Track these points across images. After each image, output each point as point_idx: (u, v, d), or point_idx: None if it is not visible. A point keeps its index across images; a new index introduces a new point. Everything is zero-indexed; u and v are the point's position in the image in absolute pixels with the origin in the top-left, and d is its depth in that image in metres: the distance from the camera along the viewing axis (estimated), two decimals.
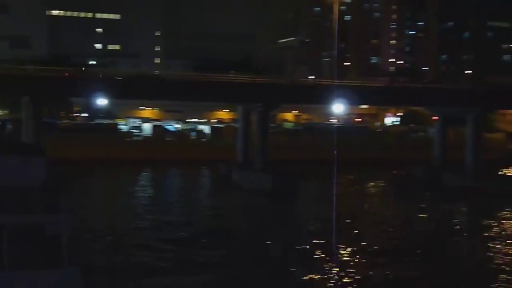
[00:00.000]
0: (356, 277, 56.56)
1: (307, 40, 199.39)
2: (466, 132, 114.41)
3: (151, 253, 61.90)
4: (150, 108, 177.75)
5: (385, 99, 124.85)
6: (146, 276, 53.46)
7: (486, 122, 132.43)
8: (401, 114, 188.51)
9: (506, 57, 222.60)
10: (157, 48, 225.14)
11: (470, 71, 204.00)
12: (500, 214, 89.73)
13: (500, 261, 63.89)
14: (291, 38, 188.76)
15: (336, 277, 56.41)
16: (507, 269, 61.40)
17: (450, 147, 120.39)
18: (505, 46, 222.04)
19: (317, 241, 68.19)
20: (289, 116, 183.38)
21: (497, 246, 70.17)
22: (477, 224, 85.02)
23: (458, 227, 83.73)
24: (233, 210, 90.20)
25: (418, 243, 71.55)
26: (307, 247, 66.63)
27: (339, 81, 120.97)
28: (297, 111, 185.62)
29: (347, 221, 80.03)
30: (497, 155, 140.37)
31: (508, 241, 72.34)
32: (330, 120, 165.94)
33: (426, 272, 59.36)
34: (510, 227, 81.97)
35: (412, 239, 74.18)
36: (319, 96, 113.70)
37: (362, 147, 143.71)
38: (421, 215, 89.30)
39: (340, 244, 66.15)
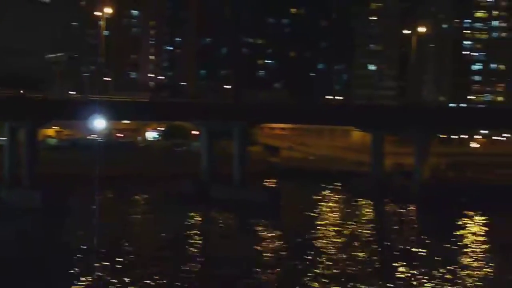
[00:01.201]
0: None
1: (75, 55, 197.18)
2: (233, 146, 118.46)
3: None
4: None
5: (150, 115, 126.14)
6: None
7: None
8: (163, 128, 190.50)
9: (261, 72, 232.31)
10: None
11: (229, 86, 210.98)
12: (259, 223, 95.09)
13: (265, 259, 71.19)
14: (60, 54, 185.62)
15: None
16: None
17: (219, 160, 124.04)
18: (260, 61, 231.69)
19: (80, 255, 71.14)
20: (51, 132, 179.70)
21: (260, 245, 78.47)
22: (242, 231, 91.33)
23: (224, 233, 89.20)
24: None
25: (177, 249, 77.45)
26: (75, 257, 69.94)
27: (106, 96, 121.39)
28: (58, 127, 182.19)
29: (116, 234, 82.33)
30: (258, 167, 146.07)
31: (267, 243, 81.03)
32: (92, 136, 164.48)
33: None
34: (268, 233, 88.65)
35: (174, 246, 79.16)
36: (86, 112, 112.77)
37: (128, 162, 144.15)
38: (186, 224, 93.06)
39: (106, 255, 70.52)
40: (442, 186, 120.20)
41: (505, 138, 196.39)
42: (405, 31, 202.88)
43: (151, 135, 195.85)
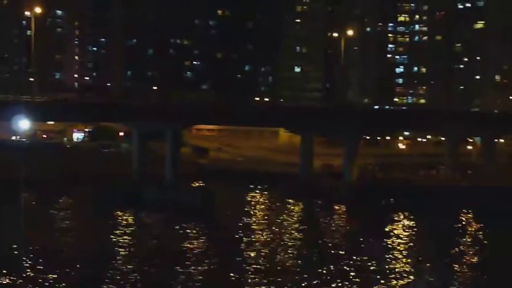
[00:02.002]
0: None
1: (6, 56, 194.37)
2: (166, 147, 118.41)
3: None
4: None
5: (77, 115, 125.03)
6: None
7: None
8: (90, 129, 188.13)
9: (188, 73, 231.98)
10: None
11: (156, 87, 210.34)
12: (189, 223, 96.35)
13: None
14: None
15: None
16: None
17: (149, 161, 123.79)
18: (187, 63, 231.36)
19: None
20: None
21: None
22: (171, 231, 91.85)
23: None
24: None
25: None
26: None
27: (35, 97, 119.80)
28: None
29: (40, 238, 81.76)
30: (188, 169, 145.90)
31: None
32: (16, 137, 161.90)
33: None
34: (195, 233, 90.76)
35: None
36: (10, 113, 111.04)
37: (55, 163, 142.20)
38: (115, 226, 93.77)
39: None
40: (371, 187, 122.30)
41: (425, 140, 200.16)
42: (330, 34, 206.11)
43: (77, 135, 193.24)
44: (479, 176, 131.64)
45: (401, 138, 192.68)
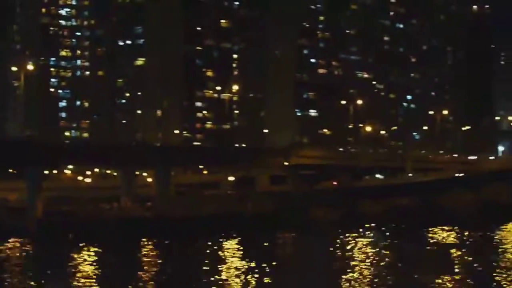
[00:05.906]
0: None
1: None
2: None
3: None
4: None
5: None
6: None
7: None
8: None
9: None
10: None
11: None
12: None
13: None
14: None
15: None
16: None
17: None
18: None
19: None
20: None
21: None
22: None
23: None
24: None
25: None
26: None
27: None
28: None
29: None
30: None
31: None
32: None
33: None
34: None
35: None
36: None
37: None
38: None
39: None
40: (57, 221, 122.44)
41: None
42: None
43: None
44: (157, 207, 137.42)
45: (66, 171, 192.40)
